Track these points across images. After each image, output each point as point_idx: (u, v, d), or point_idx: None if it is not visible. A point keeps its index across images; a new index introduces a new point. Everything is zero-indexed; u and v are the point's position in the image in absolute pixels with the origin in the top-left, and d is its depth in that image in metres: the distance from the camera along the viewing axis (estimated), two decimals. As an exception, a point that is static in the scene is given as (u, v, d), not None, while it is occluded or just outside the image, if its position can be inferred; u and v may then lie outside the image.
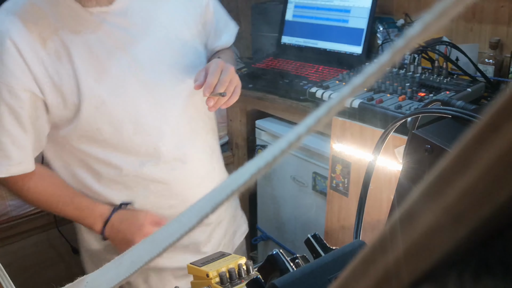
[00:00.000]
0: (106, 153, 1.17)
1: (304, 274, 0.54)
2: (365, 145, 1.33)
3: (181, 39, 1.22)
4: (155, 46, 1.16)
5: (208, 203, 0.28)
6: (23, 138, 1.12)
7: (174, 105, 1.21)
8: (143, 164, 1.19)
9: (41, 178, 1.22)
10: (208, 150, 1.33)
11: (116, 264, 0.35)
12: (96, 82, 1.10)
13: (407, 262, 0.22)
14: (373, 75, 0.24)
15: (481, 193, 0.19)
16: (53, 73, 1.07)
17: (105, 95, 1.11)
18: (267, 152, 0.26)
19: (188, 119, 1.25)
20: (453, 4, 0.20)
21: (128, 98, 1.14)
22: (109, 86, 1.11)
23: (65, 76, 1.07)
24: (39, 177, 1.21)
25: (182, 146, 1.24)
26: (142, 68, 1.14)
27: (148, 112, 1.17)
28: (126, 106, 1.14)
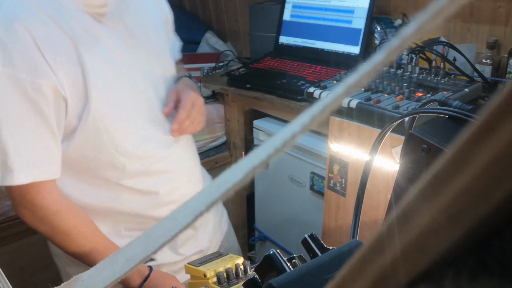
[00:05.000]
0: (108, 156, 1.14)
1: (301, 274, 0.54)
2: (363, 145, 1.33)
3: (161, 47, 1.26)
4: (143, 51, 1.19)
5: (203, 201, 0.28)
6: (50, 139, 1.05)
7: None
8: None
9: (72, 211, 1.12)
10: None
11: (111, 262, 0.35)
12: (104, 83, 1.08)
13: (404, 262, 0.22)
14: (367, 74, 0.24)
15: (477, 193, 0.19)
16: (69, 70, 1.03)
17: (112, 87, 1.10)
18: (262, 150, 0.26)
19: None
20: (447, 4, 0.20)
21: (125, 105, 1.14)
22: (116, 88, 1.11)
23: (76, 73, 1.04)
24: (69, 210, 1.11)
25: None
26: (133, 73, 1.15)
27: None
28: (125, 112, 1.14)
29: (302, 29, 1.99)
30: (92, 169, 1.13)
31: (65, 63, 1.01)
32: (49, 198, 1.08)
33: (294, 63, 1.91)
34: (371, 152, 0.77)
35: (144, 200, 1.21)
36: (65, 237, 1.11)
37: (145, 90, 1.17)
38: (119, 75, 1.11)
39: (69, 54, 1.02)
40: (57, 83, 1.00)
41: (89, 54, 1.04)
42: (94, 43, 1.07)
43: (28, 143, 1.02)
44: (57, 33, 1.01)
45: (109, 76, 1.08)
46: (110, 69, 1.09)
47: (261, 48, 2.21)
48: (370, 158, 0.77)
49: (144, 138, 1.16)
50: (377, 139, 0.76)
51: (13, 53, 0.95)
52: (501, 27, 1.67)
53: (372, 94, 1.45)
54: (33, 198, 1.06)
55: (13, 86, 0.97)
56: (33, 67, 0.97)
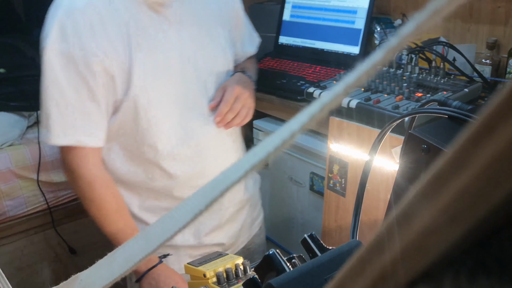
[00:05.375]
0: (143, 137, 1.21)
1: (301, 274, 0.54)
2: (362, 145, 1.33)
3: (215, 41, 1.30)
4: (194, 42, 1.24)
5: (202, 200, 0.28)
6: (96, 111, 1.14)
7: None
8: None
9: (105, 185, 1.21)
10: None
11: (109, 261, 0.35)
12: (145, 60, 1.15)
13: (403, 262, 0.22)
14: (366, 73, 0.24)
15: (477, 193, 0.19)
16: (118, 53, 1.12)
17: (153, 74, 1.17)
18: (261, 148, 0.26)
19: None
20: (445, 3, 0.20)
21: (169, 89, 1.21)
22: (156, 65, 1.17)
23: (123, 57, 1.13)
24: (102, 182, 1.21)
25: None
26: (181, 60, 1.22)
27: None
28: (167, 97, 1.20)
29: (302, 29, 1.99)
30: (131, 144, 1.23)
31: (116, 47, 1.11)
32: (86, 167, 1.18)
33: (294, 63, 1.91)
34: (370, 152, 0.77)
35: (173, 182, 1.27)
36: (92, 204, 1.20)
37: (192, 81, 1.23)
38: (164, 63, 1.18)
39: (120, 39, 1.12)
40: (106, 63, 1.11)
41: (139, 41, 1.14)
42: (145, 32, 1.15)
43: (70, 110, 1.12)
44: (111, 19, 1.11)
45: (154, 64, 1.16)
46: (156, 58, 1.16)
47: (261, 48, 2.20)
48: (369, 158, 0.77)
49: (179, 125, 1.23)
50: (377, 139, 0.76)
51: (70, 34, 1.08)
52: (501, 27, 1.67)
53: (371, 94, 1.45)
54: (71, 163, 1.18)
55: (67, 60, 1.09)
56: (86, 47, 1.08)
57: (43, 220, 2.06)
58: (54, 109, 1.12)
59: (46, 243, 2.11)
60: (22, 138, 2.06)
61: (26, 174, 1.98)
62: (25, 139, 2.06)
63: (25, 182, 1.98)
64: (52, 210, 2.05)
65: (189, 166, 1.27)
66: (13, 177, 1.95)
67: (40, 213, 2.04)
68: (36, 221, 2.05)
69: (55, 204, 2.07)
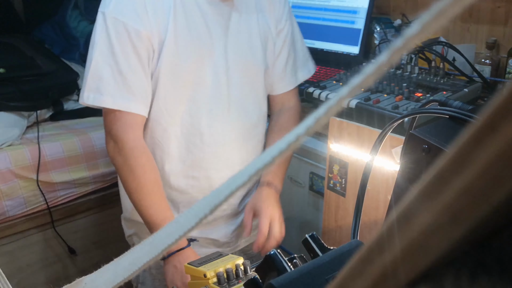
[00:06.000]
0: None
1: (302, 274, 0.54)
2: (363, 145, 1.33)
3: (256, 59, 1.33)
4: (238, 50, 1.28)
5: (207, 204, 0.28)
6: (143, 79, 1.19)
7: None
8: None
9: (145, 153, 1.23)
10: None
11: (115, 265, 0.35)
12: (177, 42, 1.19)
13: (404, 261, 0.22)
14: (371, 75, 0.24)
15: (478, 193, 0.19)
16: (160, 29, 1.17)
17: (181, 57, 1.20)
18: (266, 153, 0.26)
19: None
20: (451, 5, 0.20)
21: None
22: (186, 49, 1.20)
23: (161, 35, 1.18)
24: (143, 150, 1.23)
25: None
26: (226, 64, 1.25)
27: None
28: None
29: (302, 29, 1.98)
30: (150, 118, 1.26)
31: (160, 23, 1.17)
32: (131, 134, 1.21)
33: (293, 63, 1.91)
34: (371, 152, 0.77)
35: (180, 167, 1.30)
36: (131, 173, 1.21)
37: (216, 79, 1.25)
38: (194, 51, 1.21)
39: (165, 17, 1.17)
40: (151, 35, 1.16)
41: (178, 25, 1.18)
42: (184, 19, 1.19)
43: (123, 76, 1.17)
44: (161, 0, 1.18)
45: (182, 48, 1.20)
46: (186, 43, 1.20)
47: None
48: (370, 158, 0.77)
49: (190, 114, 1.26)
50: (377, 139, 0.76)
51: (123, 4, 1.15)
52: (501, 27, 1.67)
53: (371, 94, 1.45)
54: (117, 129, 1.21)
55: (120, 28, 1.15)
56: (137, 17, 1.15)
57: (43, 220, 2.06)
58: (107, 72, 1.16)
59: (45, 243, 2.10)
60: (21, 138, 2.06)
61: (26, 174, 1.97)
62: (25, 139, 2.06)
63: (24, 182, 1.98)
64: (51, 210, 2.05)
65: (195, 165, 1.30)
66: (13, 177, 1.95)
67: (39, 213, 2.04)
68: (35, 221, 2.05)
69: (54, 204, 2.07)
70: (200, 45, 1.22)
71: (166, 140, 1.27)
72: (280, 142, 0.26)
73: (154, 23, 1.16)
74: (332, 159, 1.44)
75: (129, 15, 1.15)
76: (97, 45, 1.17)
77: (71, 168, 2.08)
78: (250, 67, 1.31)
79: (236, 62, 1.27)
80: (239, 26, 1.27)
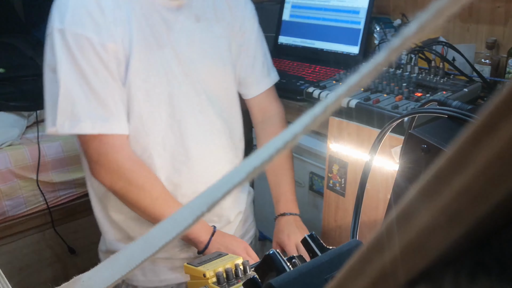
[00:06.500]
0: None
1: (301, 273, 0.54)
2: (362, 145, 1.33)
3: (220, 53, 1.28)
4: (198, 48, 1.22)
5: (204, 202, 0.28)
6: (118, 95, 1.10)
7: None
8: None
9: (143, 166, 1.17)
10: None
11: (112, 262, 0.35)
12: (143, 54, 1.12)
13: (403, 261, 0.22)
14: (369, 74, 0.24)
15: (477, 193, 0.19)
16: (123, 40, 1.10)
17: (150, 70, 1.14)
18: (263, 151, 0.26)
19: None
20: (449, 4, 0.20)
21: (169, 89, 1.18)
22: (152, 60, 1.14)
23: (125, 39, 1.10)
24: (141, 164, 1.16)
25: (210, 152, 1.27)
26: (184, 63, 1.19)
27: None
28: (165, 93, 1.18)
29: (302, 29, 1.99)
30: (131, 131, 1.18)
31: (124, 34, 1.09)
32: (124, 153, 1.13)
33: (293, 63, 1.91)
34: (370, 152, 0.77)
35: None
36: (141, 191, 1.15)
37: (181, 87, 1.19)
38: (160, 63, 1.15)
39: (125, 29, 1.09)
40: (116, 48, 1.08)
41: (140, 37, 1.11)
42: (148, 28, 1.13)
43: (97, 95, 1.08)
44: (120, 8, 1.09)
45: (149, 61, 1.13)
46: (153, 55, 1.14)
47: (261, 48, 2.20)
48: (369, 158, 0.77)
49: (172, 131, 1.20)
50: (377, 139, 0.76)
51: (80, 16, 1.05)
52: (500, 27, 1.67)
53: (371, 94, 1.45)
54: (109, 155, 1.11)
55: (83, 43, 1.05)
56: (99, 29, 1.06)
57: (43, 220, 2.06)
58: (79, 94, 1.07)
59: (45, 243, 2.11)
60: (21, 138, 2.06)
61: (26, 174, 1.98)
62: (25, 139, 2.06)
63: (24, 182, 1.98)
64: (51, 210, 2.05)
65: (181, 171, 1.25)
66: (13, 177, 1.95)
67: (39, 213, 2.04)
68: (35, 221, 2.05)
69: (54, 204, 2.07)
70: (168, 55, 1.16)
71: (148, 160, 1.20)
72: (277, 140, 0.26)
73: (117, 33, 1.08)
74: (332, 159, 1.44)
75: (91, 27, 1.06)
76: (61, 66, 1.06)
77: (71, 168, 2.08)
78: (220, 69, 1.27)
79: (207, 68, 1.23)
80: (202, 31, 1.22)
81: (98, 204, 1.31)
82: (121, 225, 1.28)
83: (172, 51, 1.17)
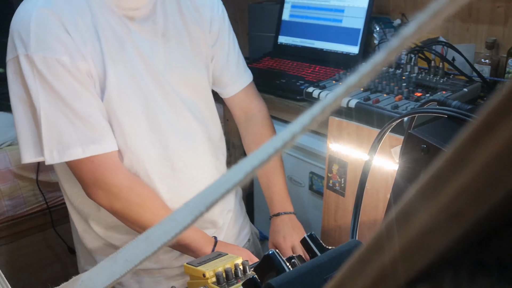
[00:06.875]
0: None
1: (300, 274, 0.54)
2: (362, 145, 1.33)
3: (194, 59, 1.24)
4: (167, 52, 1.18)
5: (203, 202, 0.28)
6: (100, 116, 1.07)
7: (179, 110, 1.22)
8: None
9: (142, 184, 1.14)
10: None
11: (110, 262, 0.35)
12: (116, 70, 1.09)
13: (403, 261, 0.22)
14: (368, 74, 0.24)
15: (476, 192, 0.19)
16: (95, 59, 1.06)
17: (125, 85, 1.10)
18: (262, 150, 0.26)
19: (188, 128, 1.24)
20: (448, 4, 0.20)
21: (142, 91, 1.14)
22: (126, 75, 1.11)
23: (96, 57, 1.06)
24: (139, 182, 1.14)
25: (188, 150, 1.24)
26: (155, 67, 1.16)
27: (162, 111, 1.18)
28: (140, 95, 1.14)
29: (301, 29, 1.99)
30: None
31: (92, 53, 1.05)
32: (121, 174, 1.10)
33: (293, 63, 1.91)
34: (370, 152, 0.77)
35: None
36: (141, 209, 1.12)
37: (156, 99, 1.16)
38: (133, 77, 1.12)
39: (95, 46, 1.05)
40: (88, 67, 1.04)
41: (111, 52, 1.07)
42: (117, 42, 1.09)
43: (81, 118, 1.03)
44: (86, 25, 1.05)
45: (120, 74, 1.09)
46: (125, 69, 1.10)
47: (260, 48, 2.21)
48: (369, 158, 0.77)
49: (154, 145, 1.17)
50: (376, 139, 0.76)
51: (44, 38, 1.00)
52: (500, 27, 1.67)
53: (371, 94, 1.45)
54: (105, 177, 1.08)
55: (55, 66, 1.00)
56: (67, 49, 1.01)
57: (42, 220, 2.06)
58: (63, 122, 1.02)
59: (45, 243, 2.11)
60: (21, 138, 2.06)
61: (25, 174, 1.98)
62: (24, 139, 2.06)
63: (24, 182, 1.98)
64: (51, 210, 2.05)
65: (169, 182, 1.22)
66: (12, 177, 1.95)
67: (39, 213, 2.04)
68: (35, 221, 2.05)
69: (54, 204, 2.07)
70: (139, 68, 1.12)
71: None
72: (275, 140, 0.26)
73: (86, 51, 1.04)
74: (332, 158, 1.44)
75: (59, 49, 1.00)
76: (37, 94, 1.00)
77: (70, 168, 2.08)
78: (192, 76, 1.24)
79: (177, 77, 1.20)
80: (168, 40, 1.18)
81: (78, 217, 1.27)
82: (102, 236, 1.25)
83: (142, 63, 1.13)
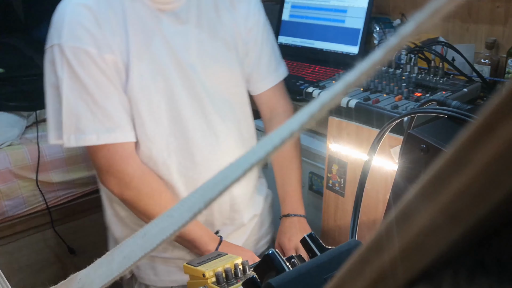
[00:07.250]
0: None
1: (300, 273, 0.54)
2: (361, 145, 1.33)
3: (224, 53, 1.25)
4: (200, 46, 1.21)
5: (201, 198, 0.28)
6: (121, 106, 1.11)
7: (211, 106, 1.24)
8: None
9: (153, 175, 1.18)
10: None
11: (108, 259, 0.35)
12: (141, 62, 1.12)
13: (402, 261, 0.22)
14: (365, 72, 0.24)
15: (476, 193, 0.19)
16: (121, 50, 1.10)
17: (149, 78, 1.13)
18: (260, 148, 0.26)
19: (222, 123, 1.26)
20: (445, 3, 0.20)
21: (166, 86, 1.17)
22: (149, 68, 1.14)
23: (123, 48, 1.11)
24: (151, 173, 1.17)
25: (215, 143, 1.25)
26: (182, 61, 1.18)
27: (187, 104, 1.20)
28: (165, 91, 1.17)
29: (301, 29, 1.99)
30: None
31: (120, 43, 1.10)
32: (134, 163, 1.15)
33: (293, 63, 1.91)
34: (369, 152, 0.77)
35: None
36: (150, 200, 1.16)
37: (181, 93, 1.18)
38: (158, 70, 1.15)
39: (122, 38, 1.10)
40: (115, 58, 1.09)
41: (137, 45, 1.11)
42: (145, 36, 1.13)
43: (100, 107, 1.09)
44: (117, 18, 1.10)
45: (145, 66, 1.13)
46: (150, 62, 1.13)
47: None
48: (369, 158, 0.77)
49: (175, 136, 1.20)
50: (376, 139, 0.76)
51: (76, 30, 1.06)
52: (500, 27, 1.67)
53: (371, 94, 1.45)
54: (119, 165, 1.13)
55: (82, 57, 1.06)
56: (96, 41, 1.07)
57: (42, 220, 2.06)
58: (83, 108, 1.08)
59: (45, 243, 2.11)
60: (21, 138, 2.06)
61: (25, 174, 1.97)
62: (24, 139, 2.06)
63: (24, 182, 1.98)
64: (51, 210, 2.05)
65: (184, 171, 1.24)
66: (12, 177, 1.95)
67: (39, 213, 2.04)
68: (35, 221, 2.05)
69: (54, 204, 2.07)
70: (166, 61, 1.15)
71: (153, 168, 1.20)
72: (274, 137, 0.26)
73: (114, 43, 1.09)
74: (331, 158, 1.44)
75: (88, 41, 1.07)
76: (63, 81, 1.07)
77: (70, 168, 2.08)
78: (223, 71, 1.25)
79: (208, 71, 1.21)
80: (200, 34, 1.20)
81: (107, 201, 1.31)
82: (127, 221, 1.29)
83: (170, 57, 1.15)
